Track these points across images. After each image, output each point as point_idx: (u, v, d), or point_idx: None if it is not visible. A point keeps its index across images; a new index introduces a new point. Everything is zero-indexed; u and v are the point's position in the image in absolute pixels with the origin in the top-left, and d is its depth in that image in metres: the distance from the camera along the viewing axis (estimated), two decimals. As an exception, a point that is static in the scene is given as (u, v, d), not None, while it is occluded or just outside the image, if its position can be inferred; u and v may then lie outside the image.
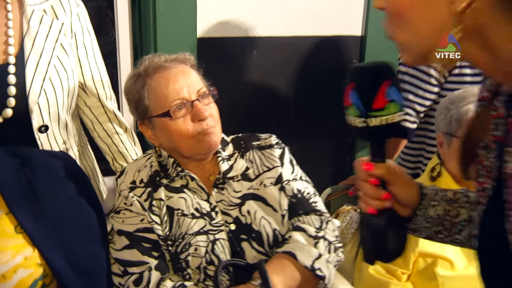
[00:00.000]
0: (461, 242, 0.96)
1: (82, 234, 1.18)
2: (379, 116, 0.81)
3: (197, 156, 1.30)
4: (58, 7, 1.39)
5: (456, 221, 0.95)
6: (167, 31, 1.99)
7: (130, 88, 1.32)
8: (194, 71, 1.33)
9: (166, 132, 1.27)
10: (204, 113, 1.24)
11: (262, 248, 1.24)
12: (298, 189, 1.32)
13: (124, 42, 2.10)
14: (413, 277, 1.62)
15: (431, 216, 0.96)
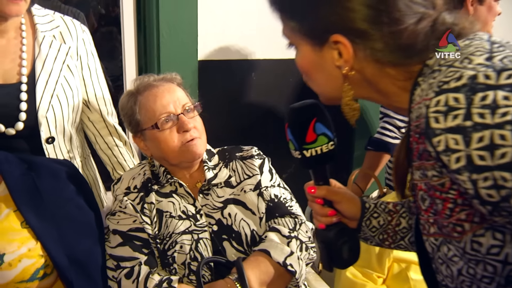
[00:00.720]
0: (405, 247, 1.07)
1: (80, 230, 1.31)
2: (310, 148, 0.94)
3: (183, 164, 1.43)
4: (65, 32, 1.54)
5: (398, 229, 1.06)
6: (170, 54, 2.10)
7: (124, 105, 1.47)
8: (180, 88, 1.48)
9: (155, 143, 1.41)
10: (188, 125, 1.38)
11: (241, 247, 1.37)
12: (275, 195, 1.45)
13: (130, 65, 2.21)
14: (388, 281, 1.70)
15: (375, 226, 1.07)
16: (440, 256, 0.76)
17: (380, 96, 0.84)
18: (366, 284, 1.67)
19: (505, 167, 0.59)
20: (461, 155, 0.62)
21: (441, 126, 0.63)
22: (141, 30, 2.18)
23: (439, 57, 0.74)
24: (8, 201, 1.25)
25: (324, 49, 0.81)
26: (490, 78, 0.61)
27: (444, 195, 0.69)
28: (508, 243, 0.66)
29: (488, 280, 0.69)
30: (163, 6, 2.06)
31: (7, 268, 1.17)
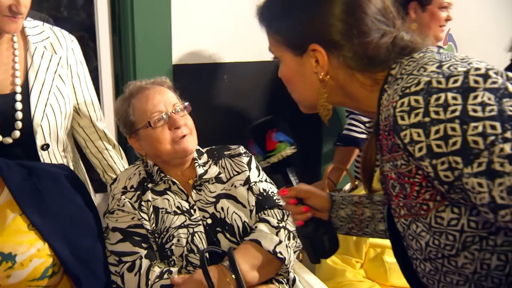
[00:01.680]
0: (371, 234, 1.23)
1: (82, 230, 1.39)
2: (273, 154, 1.11)
3: (175, 160, 1.53)
4: (56, 43, 1.61)
5: (362, 218, 1.22)
6: (145, 59, 2.15)
7: (119, 109, 1.57)
8: (170, 91, 1.59)
9: (149, 141, 1.51)
10: (179, 122, 1.50)
11: (234, 238, 1.48)
12: (263, 189, 1.57)
13: (105, 70, 2.25)
14: (365, 265, 1.83)
15: (343, 216, 1.22)
16: (410, 233, 0.89)
17: (352, 101, 0.99)
18: (346, 269, 1.80)
19: (456, 152, 0.73)
20: (422, 145, 0.76)
21: (406, 122, 0.77)
22: (117, 36, 2.23)
23: (400, 68, 0.89)
24: (12, 205, 1.31)
25: (304, 58, 0.96)
26: (441, 83, 0.76)
27: (411, 179, 0.83)
28: (463, 215, 0.80)
29: (450, 247, 0.83)
30: (137, 13, 2.11)
31: (20, 268, 1.24)
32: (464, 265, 0.83)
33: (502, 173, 0.70)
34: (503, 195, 0.71)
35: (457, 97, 0.73)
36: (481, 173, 0.72)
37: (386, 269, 1.77)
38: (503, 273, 0.81)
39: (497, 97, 0.72)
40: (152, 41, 2.16)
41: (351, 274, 1.80)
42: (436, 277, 0.89)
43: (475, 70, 0.75)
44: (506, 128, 0.70)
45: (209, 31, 2.30)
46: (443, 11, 2.06)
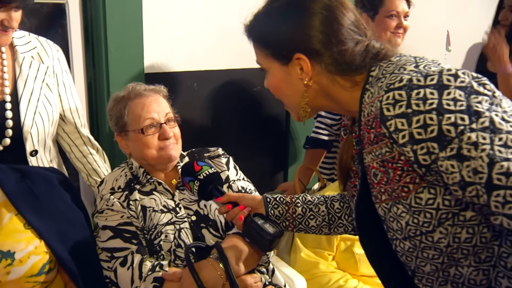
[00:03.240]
0: (304, 230, 1.40)
1: (75, 228, 1.46)
2: (201, 173, 1.42)
3: (159, 165, 1.64)
4: (43, 53, 1.68)
5: (295, 216, 1.38)
6: (118, 68, 2.22)
7: (114, 107, 1.66)
8: (165, 100, 1.69)
9: (137, 144, 1.61)
10: (169, 134, 1.61)
11: (217, 232, 1.58)
12: (242, 186, 1.69)
13: (78, 78, 2.28)
14: (337, 257, 1.95)
15: (277, 214, 1.39)
16: (391, 216, 1.01)
17: (335, 104, 1.12)
18: (319, 262, 1.92)
19: (433, 139, 0.87)
20: (405, 133, 0.89)
21: (391, 113, 0.91)
22: (89, 46, 2.27)
23: (380, 70, 1.02)
24: (8, 206, 1.37)
25: (290, 66, 1.09)
26: (420, 81, 0.89)
27: (394, 164, 0.96)
28: (438, 195, 0.93)
29: (427, 224, 0.96)
30: (110, 24, 2.17)
31: (19, 265, 1.30)
32: (439, 239, 0.96)
33: (469, 157, 0.84)
34: (470, 174, 0.85)
35: (434, 92, 0.87)
36: (452, 157, 0.86)
37: (356, 260, 1.90)
38: (471, 244, 0.95)
39: (466, 94, 0.86)
40: (124, 51, 2.22)
41: (324, 265, 1.92)
42: (414, 253, 1.02)
43: (447, 70, 0.90)
44: (472, 121, 0.84)
45: (179, 41, 2.39)
46: (392, 19, 2.18)
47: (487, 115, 0.85)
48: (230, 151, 1.82)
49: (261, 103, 2.72)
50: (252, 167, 2.47)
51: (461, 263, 0.97)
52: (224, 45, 2.52)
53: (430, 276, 1.03)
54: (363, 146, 1.04)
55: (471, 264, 0.97)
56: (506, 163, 0.81)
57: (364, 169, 1.07)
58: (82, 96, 2.30)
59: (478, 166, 0.83)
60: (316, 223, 1.38)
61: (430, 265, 1.01)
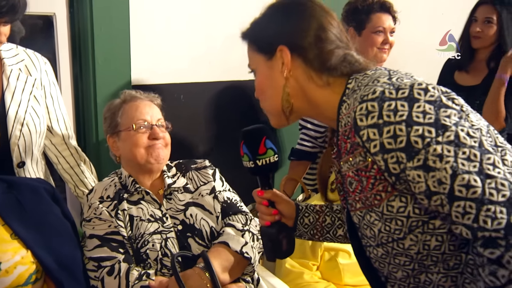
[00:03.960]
0: (331, 239, 1.39)
1: (62, 238, 1.47)
2: (262, 158, 1.25)
3: (146, 165, 1.67)
4: (30, 65, 1.70)
5: (324, 225, 1.38)
6: (105, 80, 2.25)
7: (109, 109, 1.73)
8: (158, 108, 1.75)
9: (127, 142, 1.66)
10: (158, 134, 1.67)
11: (203, 242, 1.61)
12: (227, 197, 1.72)
13: (66, 91, 2.30)
14: (321, 267, 1.97)
15: (306, 223, 1.38)
16: (365, 223, 1.05)
17: (313, 107, 1.15)
18: (303, 272, 1.94)
19: (402, 149, 0.90)
20: (377, 143, 0.93)
21: (364, 123, 0.94)
22: (77, 58, 2.29)
23: (356, 82, 1.06)
24: None
25: (273, 60, 1.13)
26: (392, 94, 0.93)
27: (367, 173, 0.99)
28: (409, 203, 0.97)
29: (398, 231, 0.99)
30: (98, 37, 2.19)
31: (5, 275, 1.30)
32: (410, 246, 0.99)
33: (434, 168, 0.88)
34: (435, 184, 0.89)
35: (405, 104, 0.91)
36: (419, 167, 0.90)
37: (340, 270, 1.92)
38: (440, 251, 0.98)
39: (435, 107, 0.90)
40: (111, 63, 2.25)
41: (309, 275, 1.93)
42: (386, 260, 1.05)
43: (418, 84, 0.94)
44: (439, 134, 0.88)
45: (166, 54, 2.42)
46: (378, 35, 2.23)
47: (453, 129, 0.89)
48: (216, 162, 1.85)
49: (247, 115, 2.74)
50: (237, 179, 2.48)
51: (431, 270, 1.01)
52: (211, 58, 2.57)
53: (402, 282, 1.06)
54: (341, 155, 1.08)
55: (440, 271, 1.00)
56: (467, 175, 0.86)
57: (343, 179, 1.11)
58: (69, 107, 2.31)
59: (442, 177, 0.87)
60: (343, 232, 1.39)
61: (401, 272, 1.04)
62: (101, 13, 2.16)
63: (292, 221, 1.38)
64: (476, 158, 0.87)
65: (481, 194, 0.85)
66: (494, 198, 0.85)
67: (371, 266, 1.14)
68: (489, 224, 0.85)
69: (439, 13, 3.50)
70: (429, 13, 3.47)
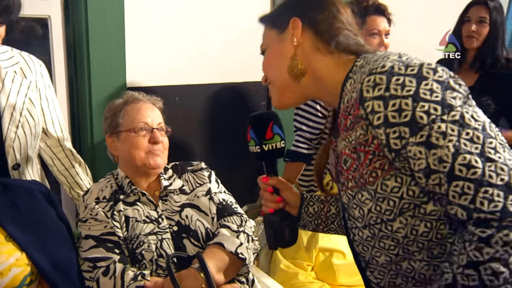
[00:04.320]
0: (335, 230, 1.37)
1: (57, 240, 1.47)
2: (268, 143, 1.25)
3: (144, 168, 1.68)
4: (25, 68, 1.70)
5: (329, 215, 1.37)
6: (100, 82, 2.25)
7: (111, 109, 1.74)
8: (159, 111, 1.76)
9: (127, 144, 1.67)
10: (159, 138, 1.67)
11: (198, 243, 1.61)
12: (223, 199, 1.73)
13: (61, 93, 2.31)
14: (316, 268, 1.99)
15: (311, 212, 1.36)
16: (355, 202, 1.05)
17: (316, 82, 1.16)
18: (298, 272, 1.95)
19: (406, 124, 0.91)
20: (381, 115, 0.93)
21: (370, 95, 0.95)
22: (72, 60, 2.31)
23: (365, 60, 1.07)
24: None
25: (285, 33, 1.16)
26: (401, 70, 0.94)
27: (367, 148, 1.00)
28: (404, 184, 0.97)
29: (389, 212, 1.00)
30: (93, 39, 2.20)
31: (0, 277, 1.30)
32: (398, 229, 1.00)
33: (437, 145, 0.89)
34: (435, 162, 0.90)
35: (413, 81, 0.92)
36: (421, 143, 0.91)
37: (335, 271, 1.94)
38: (427, 238, 0.99)
39: (442, 87, 0.92)
40: (106, 65, 2.26)
41: (303, 276, 1.95)
42: (371, 243, 1.05)
43: (428, 64, 0.95)
44: (445, 112, 0.90)
45: (161, 56, 2.44)
46: (374, 37, 2.25)
47: (459, 110, 0.90)
48: (211, 164, 1.86)
49: (242, 117, 2.73)
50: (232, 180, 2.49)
51: (414, 257, 1.01)
52: (206, 60, 2.59)
53: (383, 268, 1.06)
54: (340, 133, 1.08)
55: (424, 259, 1.01)
56: (469, 156, 0.87)
57: (338, 159, 1.11)
58: (64, 109, 2.32)
59: (444, 155, 0.88)
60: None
61: (385, 256, 1.04)
62: (96, 15, 2.17)
63: (296, 210, 1.37)
64: (479, 140, 0.88)
65: (481, 176, 0.86)
66: (493, 181, 0.86)
67: None
68: (485, 206, 0.86)
69: (433, 15, 3.53)
70: (423, 15, 3.50)
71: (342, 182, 1.09)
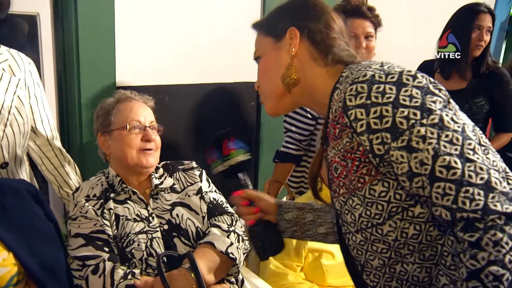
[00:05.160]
0: (312, 237, 1.41)
1: (45, 240, 1.45)
2: (230, 158, 1.28)
3: (136, 168, 1.67)
4: (14, 65, 1.68)
5: (305, 222, 1.40)
6: (89, 81, 2.23)
7: (103, 107, 1.73)
8: (151, 110, 1.76)
9: (119, 142, 1.67)
10: (151, 136, 1.67)
11: (189, 241, 1.61)
12: (213, 198, 1.72)
13: (49, 91, 2.27)
14: (305, 268, 1.98)
15: (288, 219, 1.40)
16: (347, 208, 1.07)
17: (309, 92, 1.18)
18: (287, 273, 1.95)
19: (387, 130, 0.94)
20: (363, 122, 0.96)
21: (352, 103, 0.98)
22: (61, 58, 2.28)
23: (350, 71, 1.09)
24: None
25: (282, 41, 1.18)
26: (382, 78, 0.97)
27: (353, 155, 1.02)
28: (391, 188, 1.00)
29: (378, 216, 1.02)
30: (82, 37, 2.18)
31: (-15, 277, 1.28)
32: (388, 232, 1.02)
33: (417, 149, 0.92)
34: (417, 165, 0.92)
35: (393, 88, 0.95)
36: (403, 148, 0.93)
37: (324, 271, 1.94)
38: (417, 241, 1.01)
39: (422, 93, 0.94)
40: (96, 64, 2.24)
41: (293, 277, 1.94)
42: (364, 247, 1.07)
43: (408, 71, 0.98)
44: (424, 116, 0.92)
45: (151, 55, 2.42)
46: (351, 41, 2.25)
47: (438, 113, 0.93)
48: (200, 164, 1.86)
49: (232, 117, 2.76)
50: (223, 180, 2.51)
51: (406, 260, 1.03)
52: (196, 60, 2.58)
53: (377, 271, 1.08)
54: (329, 142, 1.11)
55: (416, 261, 1.03)
56: (448, 157, 0.89)
57: (329, 167, 1.13)
58: (53, 108, 2.29)
59: (424, 158, 0.91)
60: (324, 230, 1.40)
61: (378, 259, 1.06)
62: (86, 13, 2.15)
63: (274, 217, 1.41)
64: (458, 142, 0.91)
65: (461, 176, 0.89)
66: (473, 180, 0.88)
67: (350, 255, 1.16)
68: (467, 205, 0.88)
69: (421, 19, 3.57)
70: (412, 19, 3.53)
71: (334, 189, 1.11)
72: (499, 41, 4.45)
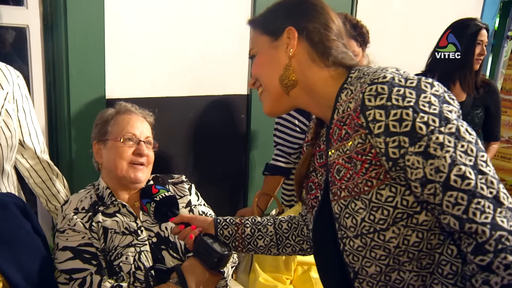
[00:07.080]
0: (253, 250, 1.44)
1: (32, 254, 1.44)
2: (158, 195, 1.49)
3: (124, 180, 1.68)
4: (2, 79, 1.67)
5: (243, 236, 1.43)
6: (79, 93, 2.21)
7: (102, 117, 1.75)
8: (149, 125, 1.77)
9: (112, 152, 1.68)
10: (144, 151, 1.69)
11: (177, 254, 1.61)
12: (202, 211, 1.73)
13: (38, 103, 2.26)
14: (294, 281, 1.98)
15: (226, 235, 1.44)
16: (348, 212, 1.06)
17: (308, 93, 1.17)
18: (277, 286, 1.94)
19: (406, 133, 0.94)
20: (382, 124, 0.95)
21: (372, 104, 0.97)
22: (50, 70, 2.26)
23: (360, 72, 1.09)
24: None
25: (279, 41, 1.17)
26: (401, 81, 0.97)
27: (364, 157, 1.01)
28: (398, 194, 0.99)
29: (383, 221, 1.01)
30: (72, 49, 2.16)
31: (-30, 291, 1.27)
32: (390, 239, 1.01)
33: (434, 155, 0.92)
34: (432, 172, 0.92)
35: (413, 93, 0.95)
36: (420, 153, 0.93)
37: (313, 284, 1.93)
38: (418, 248, 1.01)
39: (440, 101, 0.95)
40: (86, 76, 2.22)
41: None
42: (362, 253, 1.06)
43: (425, 79, 0.98)
44: (442, 124, 0.93)
45: (141, 67, 2.40)
46: None
47: (455, 123, 0.94)
48: (190, 177, 1.86)
49: (221, 130, 2.76)
50: (212, 194, 2.51)
51: (404, 267, 1.03)
52: (186, 72, 2.58)
53: (372, 279, 1.07)
54: (330, 144, 1.11)
55: (413, 269, 1.03)
56: (464, 167, 0.90)
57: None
58: (42, 120, 2.28)
59: (441, 165, 0.91)
60: (264, 243, 1.43)
61: (375, 266, 1.05)
62: (75, 25, 2.14)
63: (213, 229, 1.45)
64: (472, 153, 0.92)
65: (474, 187, 0.90)
66: (484, 193, 0.89)
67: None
68: (477, 217, 0.89)
69: (410, 32, 3.60)
70: (401, 32, 3.56)
71: (334, 192, 1.10)
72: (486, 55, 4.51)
